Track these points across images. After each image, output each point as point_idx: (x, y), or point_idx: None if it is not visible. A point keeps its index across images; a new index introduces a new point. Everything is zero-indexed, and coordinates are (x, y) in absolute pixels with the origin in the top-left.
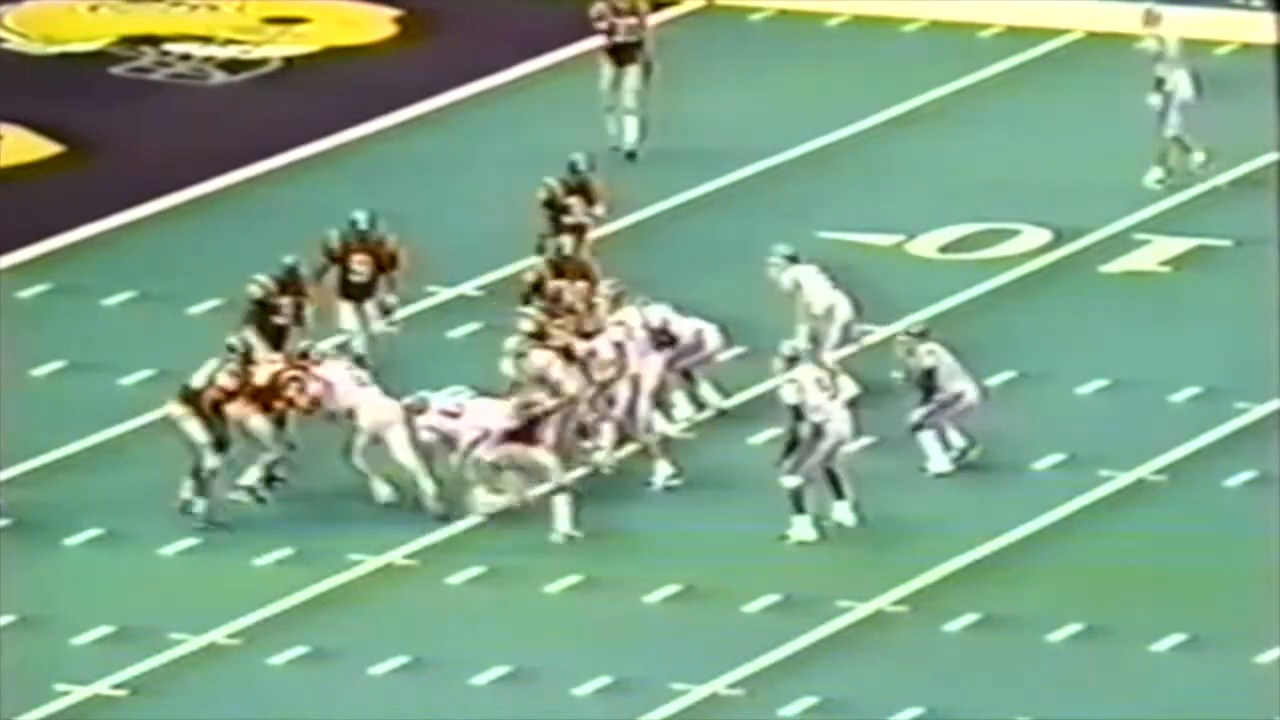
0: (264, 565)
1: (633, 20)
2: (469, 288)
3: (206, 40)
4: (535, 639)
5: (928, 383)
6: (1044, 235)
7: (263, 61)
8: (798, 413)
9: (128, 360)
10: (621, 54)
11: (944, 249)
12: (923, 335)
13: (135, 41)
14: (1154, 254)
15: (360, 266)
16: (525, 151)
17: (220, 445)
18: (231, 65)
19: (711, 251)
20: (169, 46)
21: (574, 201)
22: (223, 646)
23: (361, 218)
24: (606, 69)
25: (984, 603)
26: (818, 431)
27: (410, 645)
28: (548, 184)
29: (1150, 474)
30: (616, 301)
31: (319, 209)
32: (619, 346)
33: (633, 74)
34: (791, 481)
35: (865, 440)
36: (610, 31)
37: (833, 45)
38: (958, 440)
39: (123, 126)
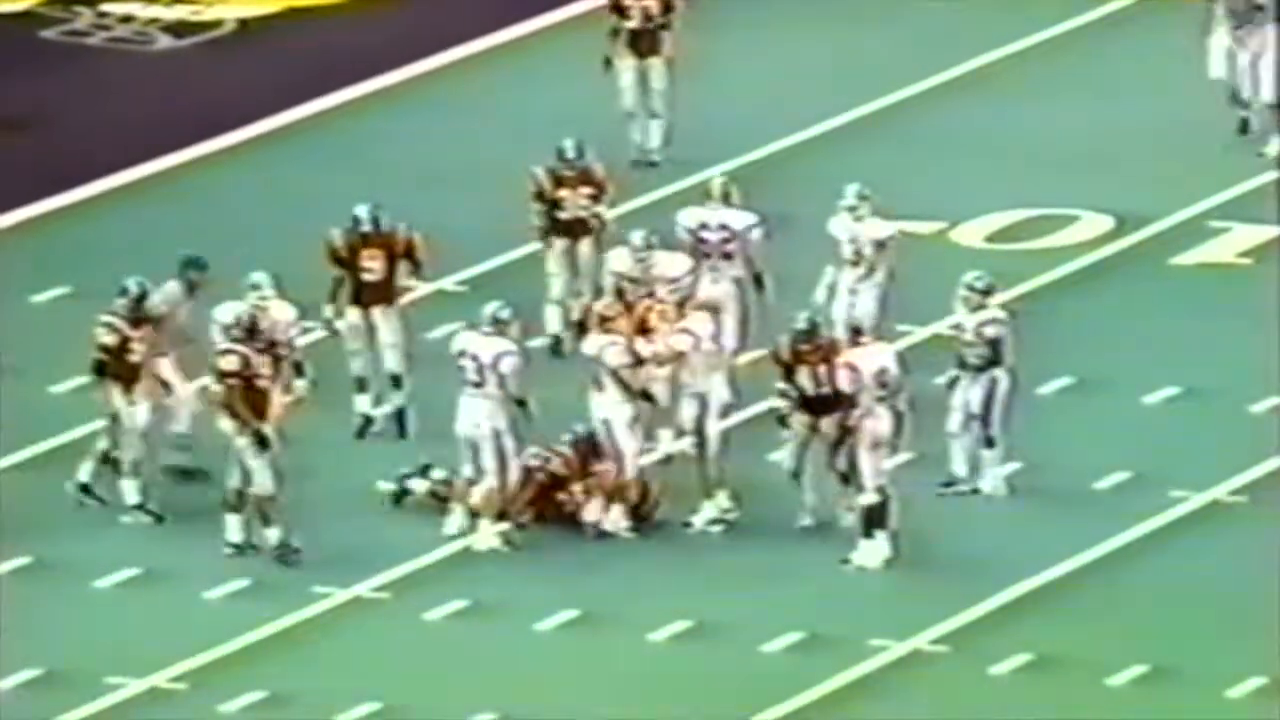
0: (215, 598)
1: (652, 2)
2: (448, 283)
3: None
4: (524, 683)
5: (991, 356)
6: (1106, 222)
7: (215, 24)
8: (851, 402)
9: (59, 366)
10: (640, 43)
11: (991, 238)
12: (988, 292)
13: (69, 1)
14: (1231, 244)
15: (371, 263)
16: (511, 127)
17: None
18: (179, 28)
19: None
20: (107, 7)
21: (565, 194)
22: (167, 691)
23: (363, 213)
24: (628, 65)
25: (1036, 641)
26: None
27: (381, 690)
28: (534, 174)
29: (1227, 494)
30: (680, 308)
31: (277, 192)
32: (682, 355)
33: (657, 70)
34: (869, 498)
35: (901, 457)
36: (622, 14)
37: (865, 6)
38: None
39: (55, 98)
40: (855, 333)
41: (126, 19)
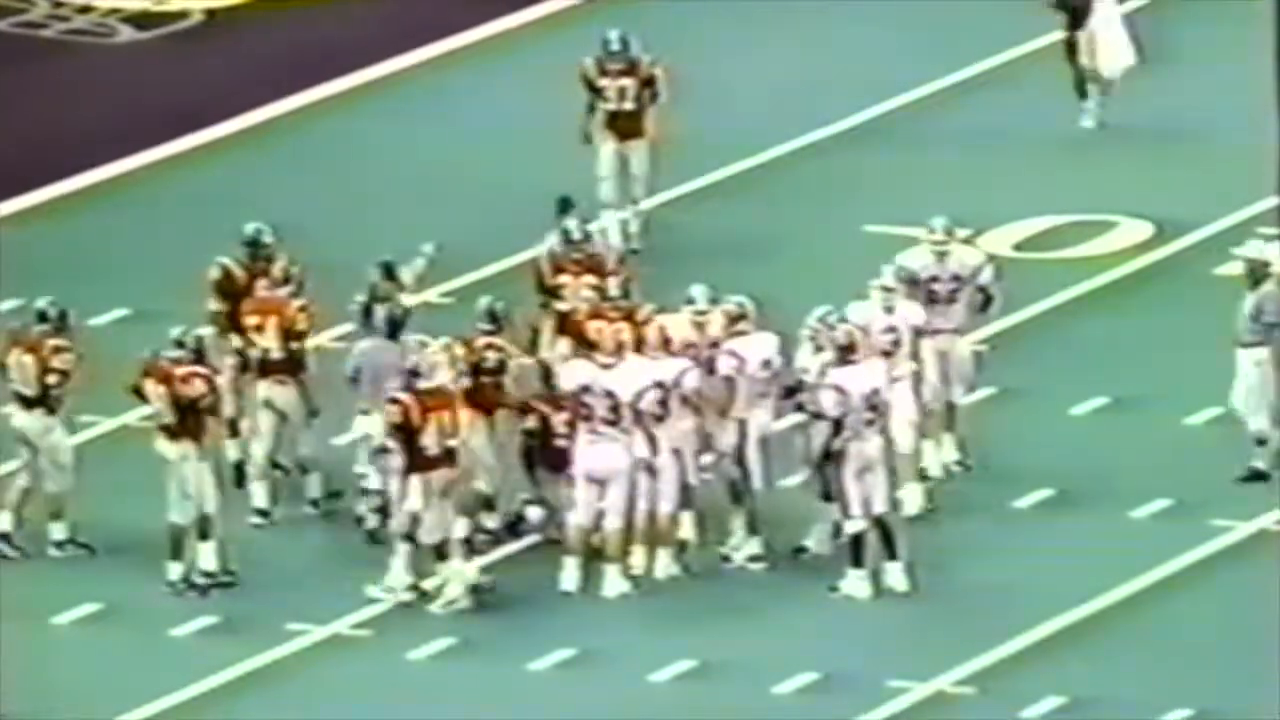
0: (182, 636)
1: (629, 81)
2: (432, 294)
3: None
4: None
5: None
6: (1144, 229)
7: (181, 15)
8: (838, 425)
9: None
10: (619, 125)
11: (1020, 246)
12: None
13: None
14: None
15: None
16: (498, 125)
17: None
18: (142, 20)
19: (735, 247)
20: None
21: (567, 281)
22: None
23: (250, 230)
24: (606, 149)
25: (1069, 682)
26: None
27: None
28: (536, 259)
29: (1274, 523)
30: (734, 322)
31: (248, 196)
32: (729, 380)
33: (639, 154)
34: (854, 526)
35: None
36: (597, 94)
37: (888, 1)
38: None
39: (8, 95)
40: (847, 349)
41: (85, 9)
